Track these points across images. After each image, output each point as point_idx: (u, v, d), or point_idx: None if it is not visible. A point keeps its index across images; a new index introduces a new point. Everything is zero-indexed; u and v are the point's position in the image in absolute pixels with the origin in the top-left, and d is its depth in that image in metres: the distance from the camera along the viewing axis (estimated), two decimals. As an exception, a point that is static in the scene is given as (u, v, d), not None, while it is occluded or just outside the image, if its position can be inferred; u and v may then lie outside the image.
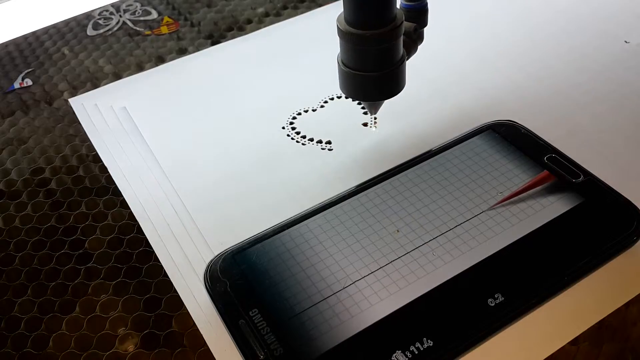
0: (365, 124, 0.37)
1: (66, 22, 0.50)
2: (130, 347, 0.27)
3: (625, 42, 0.42)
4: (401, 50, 0.31)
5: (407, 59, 0.32)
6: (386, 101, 0.33)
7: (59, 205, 0.35)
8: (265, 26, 0.48)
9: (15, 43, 0.49)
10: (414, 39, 0.33)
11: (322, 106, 0.39)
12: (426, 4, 0.33)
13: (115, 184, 0.35)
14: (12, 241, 0.33)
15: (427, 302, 0.26)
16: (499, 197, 0.30)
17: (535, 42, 0.42)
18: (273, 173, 0.34)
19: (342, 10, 0.29)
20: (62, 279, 0.31)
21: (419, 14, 0.33)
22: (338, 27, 0.29)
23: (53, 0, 0.53)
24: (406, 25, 0.32)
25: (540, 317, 0.26)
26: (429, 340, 0.25)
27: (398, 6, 0.31)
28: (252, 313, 0.26)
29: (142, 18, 0.50)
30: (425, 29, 0.33)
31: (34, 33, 0.50)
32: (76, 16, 0.51)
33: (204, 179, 0.34)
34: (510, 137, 0.34)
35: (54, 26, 0.50)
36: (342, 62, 0.31)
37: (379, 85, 0.31)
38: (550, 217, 0.29)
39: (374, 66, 0.30)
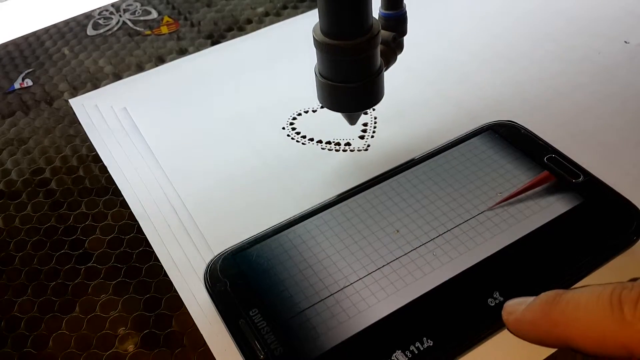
0: (365, 124, 0.37)
1: (66, 22, 0.50)
2: (130, 347, 0.27)
3: (625, 42, 0.42)
4: (379, 60, 0.30)
5: (386, 69, 0.32)
6: (386, 101, 0.33)
7: (59, 205, 0.35)
8: (265, 26, 0.48)
9: (15, 43, 0.49)
10: (393, 48, 0.32)
11: (322, 106, 0.39)
12: (405, 12, 0.32)
13: (115, 184, 0.35)
14: (12, 241, 0.33)
15: (427, 302, 0.26)
16: (499, 197, 0.30)
17: (535, 43, 0.42)
18: (273, 173, 0.34)
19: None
20: (62, 279, 0.31)
21: (397, 22, 0.32)
22: (314, 38, 0.28)
23: (53, 0, 0.53)
24: (385, 34, 0.31)
25: (540, 317, 0.26)
26: (429, 340, 0.25)
27: (377, 15, 0.30)
28: (252, 313, 0.26)
29: (142, 18, 0.50)
30: (426, 30, 0.33)
31: (34, 33, 0.50)
32: (76, 16, 0.51)
33: (204, 179, 0.34)
34: (510, 137, 0.34)
35: (54, 26, 0.50)
36: (319, 73, 0.30)
37: (357, 96, 0.30)
38: (550, 217, 0.29)
39: (351, 77, 0.29)
